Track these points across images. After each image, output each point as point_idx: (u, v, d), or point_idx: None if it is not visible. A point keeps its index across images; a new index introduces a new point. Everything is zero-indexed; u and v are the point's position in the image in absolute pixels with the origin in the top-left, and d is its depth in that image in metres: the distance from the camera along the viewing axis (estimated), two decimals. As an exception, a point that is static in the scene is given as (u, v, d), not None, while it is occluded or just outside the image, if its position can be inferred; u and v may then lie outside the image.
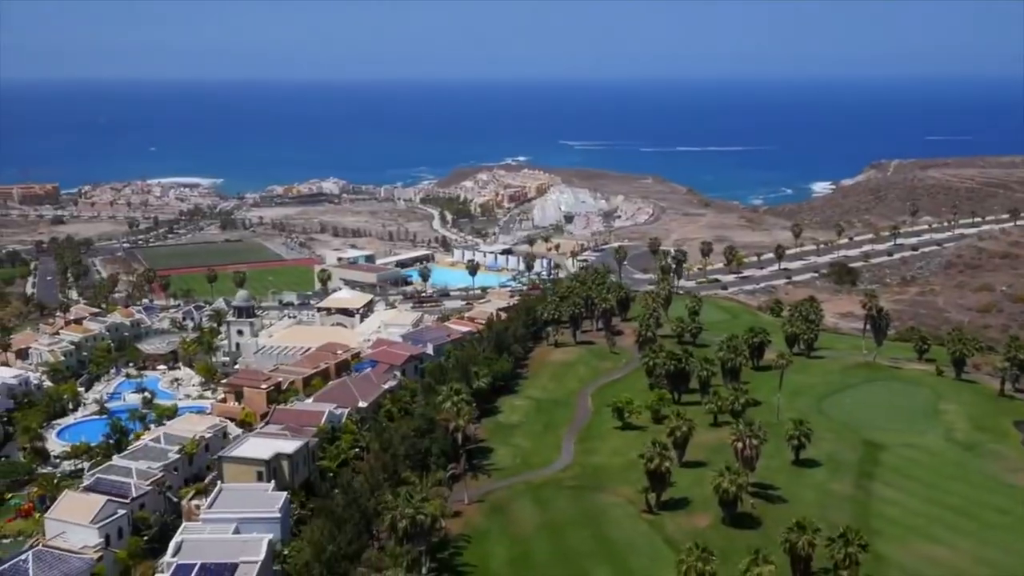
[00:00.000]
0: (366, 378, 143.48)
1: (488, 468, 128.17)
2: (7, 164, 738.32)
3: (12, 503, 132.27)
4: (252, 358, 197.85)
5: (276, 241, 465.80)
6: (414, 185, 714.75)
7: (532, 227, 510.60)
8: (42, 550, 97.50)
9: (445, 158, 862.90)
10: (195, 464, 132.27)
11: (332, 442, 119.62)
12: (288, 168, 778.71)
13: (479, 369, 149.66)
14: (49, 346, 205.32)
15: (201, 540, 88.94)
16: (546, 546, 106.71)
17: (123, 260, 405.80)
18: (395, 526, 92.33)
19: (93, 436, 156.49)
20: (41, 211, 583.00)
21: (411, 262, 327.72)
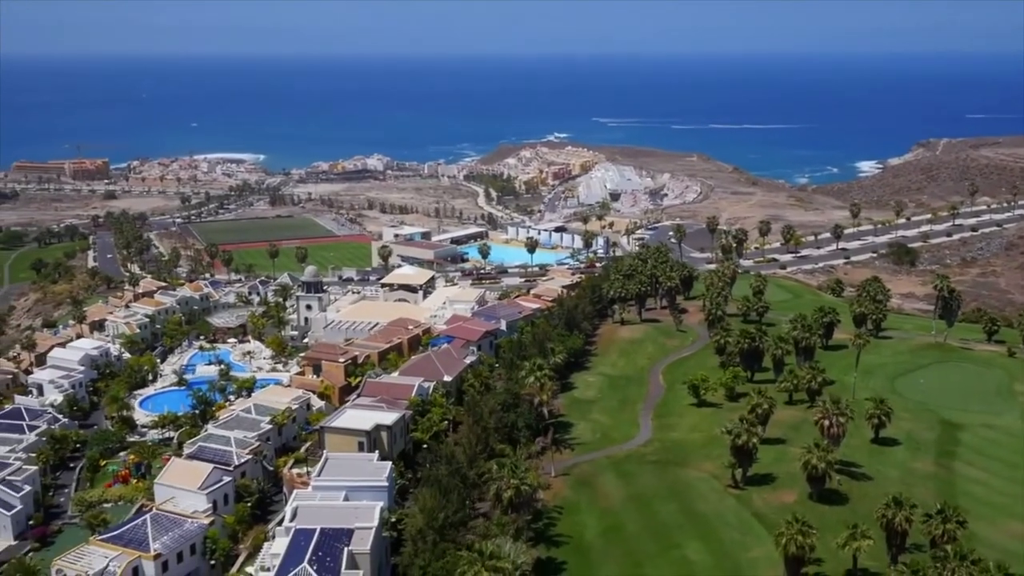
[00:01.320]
0: (447, 353, 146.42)
1: (570, 442, 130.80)
2: (58, 139, 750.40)
3: (110, 469, 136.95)
4: (321, 332, 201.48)
5: (326, 217, 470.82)
6: (457, 162, 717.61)
7: (577, 205, 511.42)
8: (158, 514, 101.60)
9: (487, 135, 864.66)
10: (283, 434, 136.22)
11: (423, 415, 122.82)
12: (331, 145, 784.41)
13: (555, 345, 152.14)
14: (125, 319, 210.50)
15: (316, 506, 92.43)
16: (636, 518, 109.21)
17: (178, 235, 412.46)
18: (500, 496, 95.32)
19: (174, 406, 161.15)
20: (93, 186, 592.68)
21: (465, 239, 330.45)
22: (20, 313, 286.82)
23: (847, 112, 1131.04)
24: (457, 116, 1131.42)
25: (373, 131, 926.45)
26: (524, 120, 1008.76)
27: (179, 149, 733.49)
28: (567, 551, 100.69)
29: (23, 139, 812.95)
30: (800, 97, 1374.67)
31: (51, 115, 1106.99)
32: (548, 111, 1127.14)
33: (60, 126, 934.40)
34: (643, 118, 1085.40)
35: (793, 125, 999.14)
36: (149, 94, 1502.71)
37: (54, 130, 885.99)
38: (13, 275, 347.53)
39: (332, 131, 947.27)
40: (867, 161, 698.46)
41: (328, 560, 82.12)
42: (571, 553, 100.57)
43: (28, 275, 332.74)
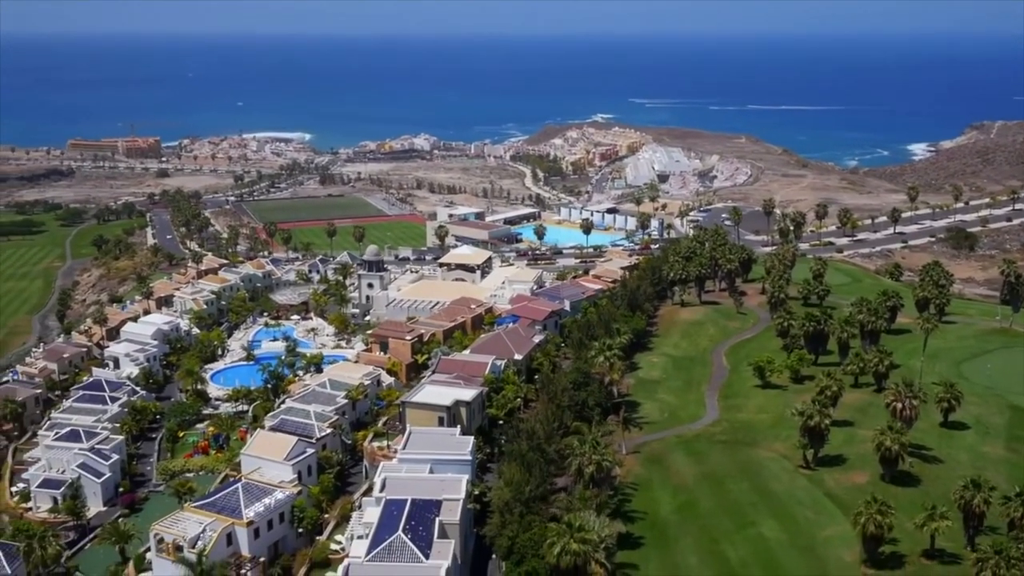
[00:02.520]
0: (515, 332, 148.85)
1: (638, 421, 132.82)
2: (110, 117, 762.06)
3: (190, 440, 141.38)
4: (383, 310, 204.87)
5: (376, 197, 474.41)
6: (503, 142, 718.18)
7: (625, 186, 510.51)
8: (248, 483, 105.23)
9: (531, 115, 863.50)
10: (357, 409, 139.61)
11: (498, 392, 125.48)
12: (377, 124, 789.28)
13: (620, 326, 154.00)
14: (192, 295, 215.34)
15: (404, 478, 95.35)
16: (709, 496, 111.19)
17: (232, 213, 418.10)
18: (582, 471, 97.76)
19: (244, 380, 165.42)
20: (146, 164, 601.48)
21: (518, 220, 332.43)
22: (85, 288, 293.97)
23: (894, 93, 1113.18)
24: (501, 96, 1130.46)
25: (418, 110, 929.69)
26: (565, 100, 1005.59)
27: (227, 128, 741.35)
28: (643, 526, 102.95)
29: (76, 117, 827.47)
30: (845, 78, 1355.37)
31: (102, 93, 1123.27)
32: (585, 92, 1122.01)
33: (111, 104, 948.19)
34: (680, 99, 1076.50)
35: (839, 107, 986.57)
36: (195, 73, 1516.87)
37: (106, 108, 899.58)
38: (75, 251, 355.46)
39: (378, 110, 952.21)
40: (918, 144, 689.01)
41: (420, 529, 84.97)
42: (647, 528, 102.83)
43: (89, 251, 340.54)
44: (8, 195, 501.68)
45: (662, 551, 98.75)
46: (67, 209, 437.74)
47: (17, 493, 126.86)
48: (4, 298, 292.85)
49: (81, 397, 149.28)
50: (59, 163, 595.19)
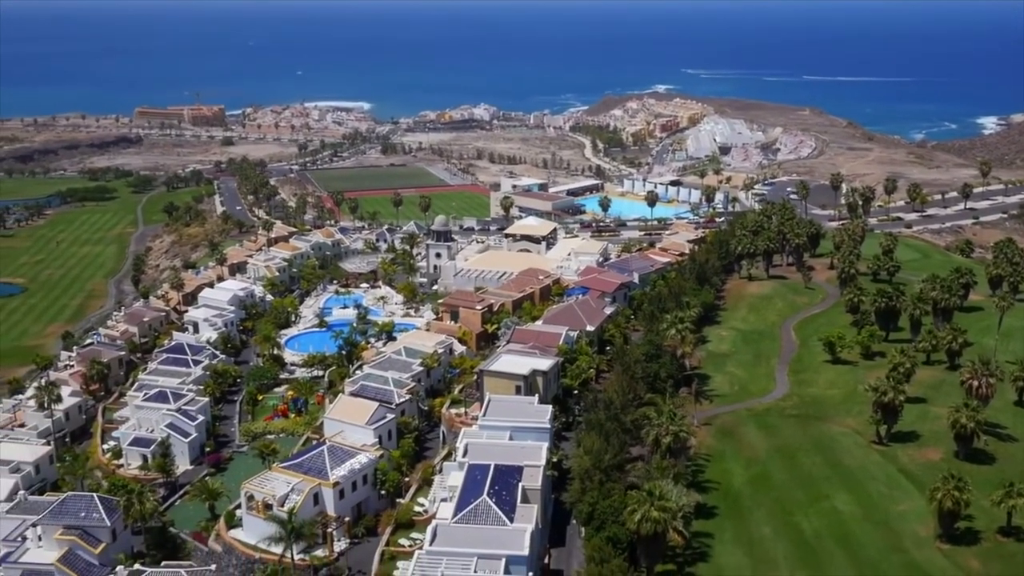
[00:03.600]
0: (586, 303, 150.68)
1: (709, 393, 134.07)
2: (175, 86, 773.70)
3: (270, 404, 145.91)
4: (451, 280, 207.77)
5: (438, 166, 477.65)
6: (562, 112, 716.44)
7: (686, 158, 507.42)
8: (333, 445, 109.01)
9: (590, 85, 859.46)
10: (431, 376, 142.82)
11: (571, 362, 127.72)
12: (436, 93, 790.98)
13: (690, 299, 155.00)
14: (264, 262, 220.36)
15: (485, 444, 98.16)
16: (781, 469, 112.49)
17: (297, 182, 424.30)
18: (659, 441, 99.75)
19: (317, 346, 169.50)
20: (211, 132, 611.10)
21: (581, 191, 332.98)
22: (157, 254, 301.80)
23: (962, 64, 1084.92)
24: (559, 66, 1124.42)
25: (477, 80, 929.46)
26: (621, 70, 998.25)
27: (288, 96, 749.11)
28: (717, 497, 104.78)
29: (142, 85, 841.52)
30: (910, 48, 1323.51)
31: (166, 62, 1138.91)
32: (639, 62, 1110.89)
33: (175, 73, 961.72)
34: (734, 69, 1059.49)
35: (904, 78, 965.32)
36: (256, 42, 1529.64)
37: (171, 77, 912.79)
38: (146, 217, 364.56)
39: (436, 79, 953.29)
40: (988, 117, 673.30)
41: (504, 493, 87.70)
42: (720, 499, 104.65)
43: (160, 218, 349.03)
44: (80, 162, 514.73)
45: (736, 521, 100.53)
46: (137, 176, 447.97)
47: (109, 450, 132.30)
48: (81, 263, 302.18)
49: (165, 360, 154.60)
50: (128, 131, 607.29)
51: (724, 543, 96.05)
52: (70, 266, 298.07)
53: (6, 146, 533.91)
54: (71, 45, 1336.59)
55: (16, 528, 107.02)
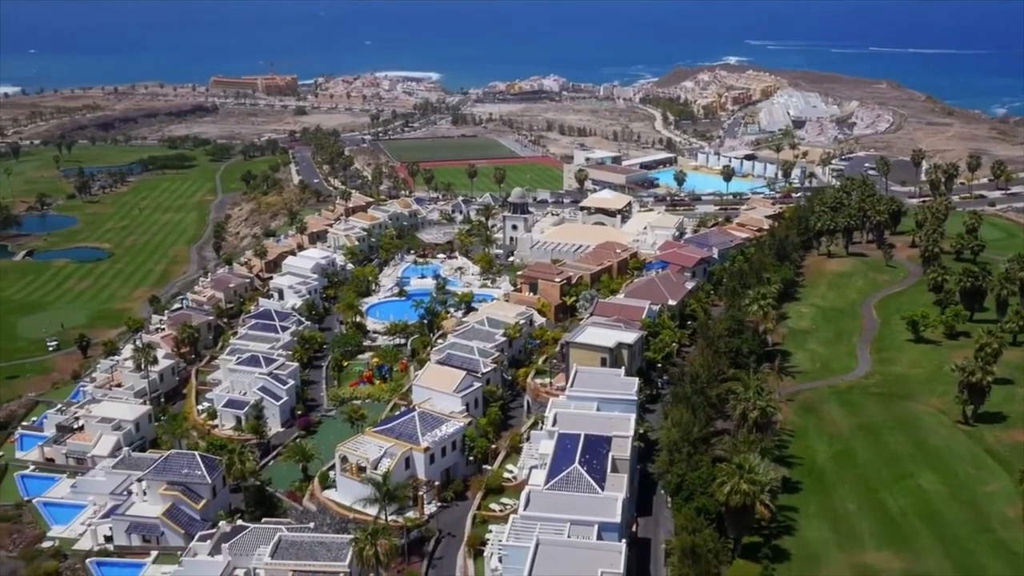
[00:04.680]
0: (667, 278, 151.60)
1: (790, 370, 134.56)
2: (249, 56, 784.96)
3: (356, 370, 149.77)
4: (527, 252, 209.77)
5: (508, 138, 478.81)
6: (632, 84, 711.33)
7: (758, 131, 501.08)
8: (423, 412, 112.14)
9: (660, 56, 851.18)
10: (513, 347, 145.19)
11: (655, 335, 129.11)
12: (505, 64, 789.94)
13: (770, 275, 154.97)
14: (344, 231, 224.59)
15: (573, 414, 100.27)
16: (865, 447, 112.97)
17: (370, 152, 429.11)
18: (745, 416, 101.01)
19: (398, 315, 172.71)
20: (284, 102, 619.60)
21: (654, 164, 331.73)
22: (237, 221, 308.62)
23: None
24: (629, 37, 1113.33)
25: (546, 51, 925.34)
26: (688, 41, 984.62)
27: (357, 67, 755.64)
28: (801, 472, 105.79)
29: (217, 54, 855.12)
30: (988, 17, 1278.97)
31: (239, 31, 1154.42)
32: (704, 34, 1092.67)
33: (248, 42, 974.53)
34: (800, 41, 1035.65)
35: (983, 50, 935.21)
36: (326, 12, 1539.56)
37: (243, 46, 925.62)
38: (225, 185, 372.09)
39: (505, 50, 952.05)
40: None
41: (595, 462, 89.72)
42: (805, 474, 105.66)
43: (238, 186, 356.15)
44: (159, 130, 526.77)
45: (820, 496, 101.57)
46: (215, 145, 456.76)
47: (204, 411, 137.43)
48: (164, 229, 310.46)
49: (254, 325, 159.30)
50: (204, 99, 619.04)
51: (808, 517, 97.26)
52: (153, 232, 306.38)
53: (88, 114, 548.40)
54: (147, 16, 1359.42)
55: (122, 482, 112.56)
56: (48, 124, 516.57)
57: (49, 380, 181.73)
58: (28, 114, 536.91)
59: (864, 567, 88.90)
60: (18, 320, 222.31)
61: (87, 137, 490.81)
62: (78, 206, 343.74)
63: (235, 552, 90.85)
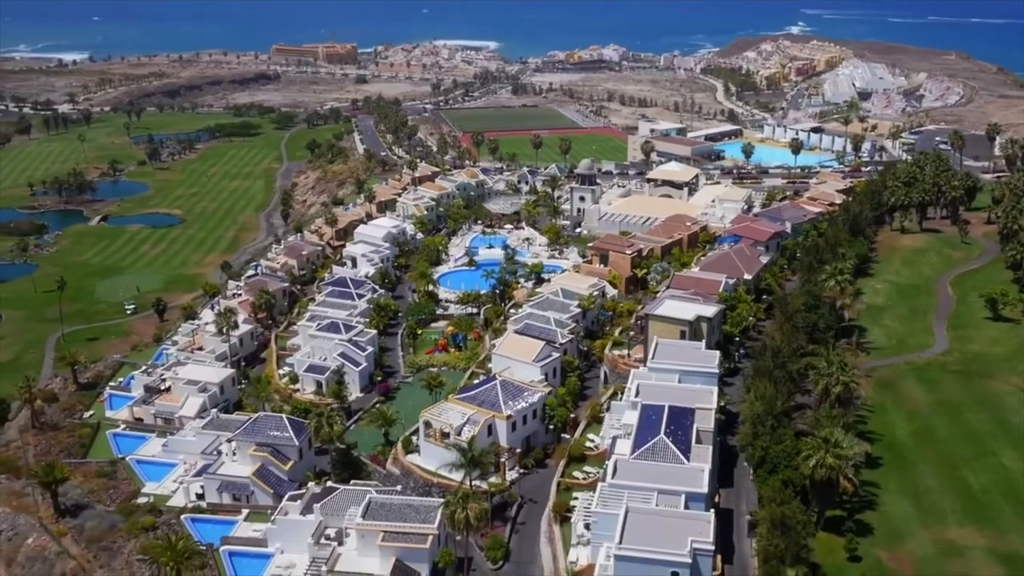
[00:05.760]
0: (741, 251, 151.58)
1: (866, 346, 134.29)
2: (307, 24, 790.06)
3: (431, 338, 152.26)
4: (595, 223, 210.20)
5: (569, 108, 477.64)
6: (693, 54, 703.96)
7: (823, 103, 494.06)
8: (505, 380, 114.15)
9: (722, 26, 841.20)
10: (586, 317, 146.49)
11: (732, 309, 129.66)
12: (564, 33, 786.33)
13: (845, 251, 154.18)
14: (413, 201, 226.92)
15: (655, 386, 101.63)
16: (945, 424, 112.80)
17: (432, 121, 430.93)
18: (828, 391, 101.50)
19: (468, 284, 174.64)
20: (345, 70, 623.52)
21: (719, 136, 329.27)
22: (303, 189, 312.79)
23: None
24: (689, 6, 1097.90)
25: (605, 20, 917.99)
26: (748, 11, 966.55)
27: (416, 35, 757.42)
28: (880, 447, 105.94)
29: (277, 22, 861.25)
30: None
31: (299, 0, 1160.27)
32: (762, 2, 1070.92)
33: (307, 11, 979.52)
34: (857, 10, 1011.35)
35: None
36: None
37: (303, 15, 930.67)
38: (290, 153, 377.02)
39: (564, 18, 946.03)
40: None
41: (679, 433, 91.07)
42: (885, 450, 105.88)
43: (303, 154, 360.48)
44: (223, 97, 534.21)
45: (901, 472, 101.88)
46: (279, 113, 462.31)
47: (285, 375, 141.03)
48: (232, 196, 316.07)
49: (331, 293, 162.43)
50: (266, 67, 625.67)
51: (890, 492, 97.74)
52: (222, 199, 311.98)
53: (155, 81, 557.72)
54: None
55: (211, 443, 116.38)
56: (117, 91, 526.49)
57: (128, 342, 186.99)
58: (97, 81, 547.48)
59: (948, 543, 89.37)
60: (96, 284, 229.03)
61: (154, 104, 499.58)
62: (148, 172, 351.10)
63: (326, 512, 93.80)
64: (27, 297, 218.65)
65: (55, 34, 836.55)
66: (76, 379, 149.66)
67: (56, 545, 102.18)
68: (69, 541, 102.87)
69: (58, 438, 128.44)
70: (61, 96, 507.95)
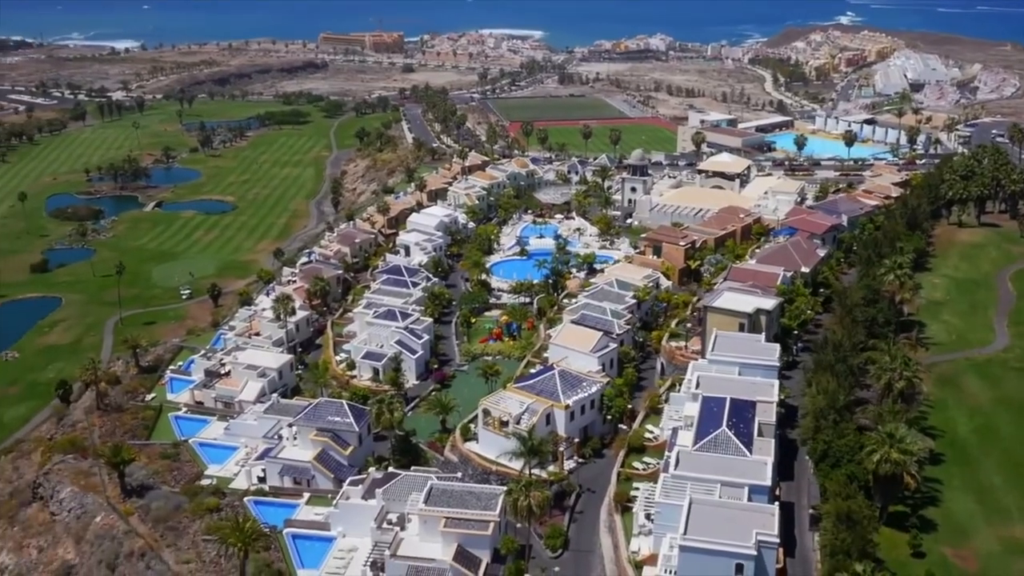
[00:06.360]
0: (798, 244, 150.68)
1: (925, 341, 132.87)
2: (354, 12, 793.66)
3: (486, 327, 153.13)
4: (647, 214, 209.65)
5: (616, 98, 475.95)
6: (740, 44, 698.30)
7: (873, 94, 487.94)
8: (563, 370, 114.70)
9: (770, 15, 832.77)
10: (641, 308, 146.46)
11: (791, 302, 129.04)
12: (609, 22, 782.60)
13: (904, 244, 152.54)
14: (465, 190, 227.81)
15: (716, 378, 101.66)
16: (1009, 421, 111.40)
17: (479, 110, 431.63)
18: (891, 386, 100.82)
19: (520, 274, 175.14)
20: (392, 59, 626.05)
21: (770, 128, 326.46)
22: (353, 178, 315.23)
23: None
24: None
25: (652, 9, 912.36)
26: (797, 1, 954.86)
27: (461, 24, 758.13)
28: (942, 444, 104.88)
29: (324, 11, 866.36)
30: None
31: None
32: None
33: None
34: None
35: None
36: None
37: (349, 3, 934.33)
38: (339, 142, 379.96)
39: (610, 8, 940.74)
40: None
41: (741, 426, 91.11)
42: (946, 446, 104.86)
43: (352, 142, 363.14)
44: (271, 85, 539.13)
45: (963, 469, 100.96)
46: (328, 101, 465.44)
47: (342, 362, 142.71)
48: (283, 183, 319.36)
49: (386, 280, 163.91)
50: (313, 56, 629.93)
51: (953, 489, 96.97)
52: (273, 186, 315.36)
53: (205, 69, 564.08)
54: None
55: (272, 427, 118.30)
56: (168, 79, 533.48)
57: (183, 326, 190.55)
58: (149, 69, 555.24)
59: (1013, 541, 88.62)
60: (152, 268, 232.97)
61: (205, 92, 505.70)
62: (201, 159, 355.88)
63: (388, 497, 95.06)
64: (86, 281, 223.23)
65: (106, 22, 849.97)
66: (138, 362, 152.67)
67: (124, 524, 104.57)
68: (136, 520, 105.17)
69: (122, 420, 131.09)
70: (114, 83, 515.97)
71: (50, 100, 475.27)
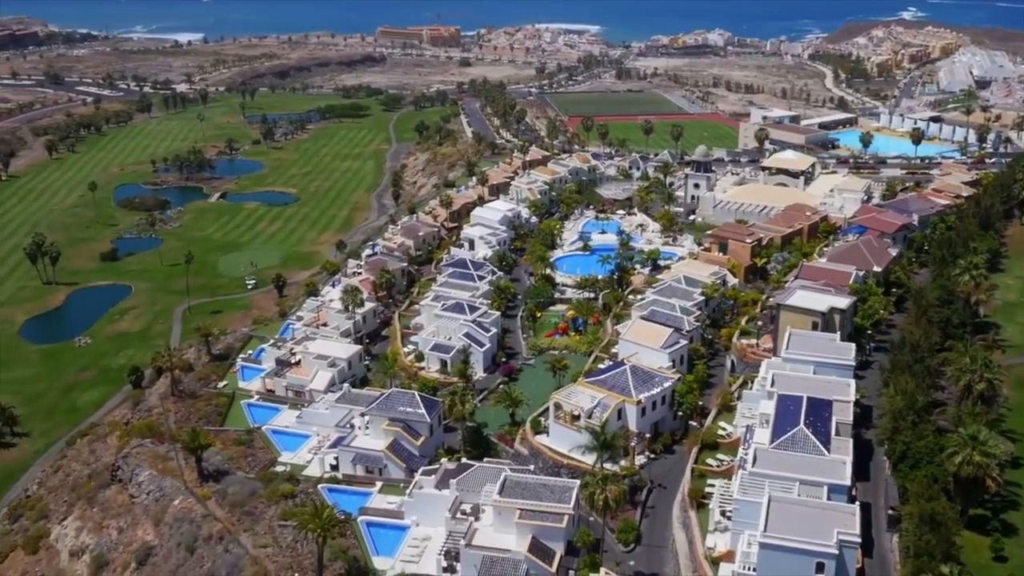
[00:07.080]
0: (870, 243, 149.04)
1: (1001, 343, 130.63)
2: (411, 6, 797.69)
3: (552, 321, 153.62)
4: (710, 211, 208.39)
5: (675, 94, 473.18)
6: (800, 40, 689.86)
7: (937, 91, 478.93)
8: (635, 366, 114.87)
9: (830, 10, 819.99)
10: (708, 306, 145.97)
11: (864, 302, 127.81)
12: (667, 17, 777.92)
13: (977, 245, 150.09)
14: (527, 184, 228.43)
15: (791, 376, 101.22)
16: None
17: (537, 104, 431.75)
18: (971, 387, 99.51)
19: (584, 269, 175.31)
20: (449, 53, 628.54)
21: (834, 125, 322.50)
22: (413, 171, 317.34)
23: None
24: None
25: (709, 4, 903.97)
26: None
27: (517, 18, 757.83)
28: (1022, 448, 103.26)
29: (381, 5, 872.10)
30: None
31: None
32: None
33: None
34: None
35: None
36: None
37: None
38: (398, 135, 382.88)
39: (667, 3, 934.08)
40: None
41: (819, 424, 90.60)
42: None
43: (411, 136, 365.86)
44: (331, 79, 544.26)
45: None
46: (387, 95, 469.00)
47: (410, 353, 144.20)
48: (344, 176, 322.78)
49: (452, 274, 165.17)
50: (372, 50, 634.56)
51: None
52: (335, 179, 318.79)
53: (266, 62, 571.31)
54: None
55: (344, 416, 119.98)
56: (230, 72, 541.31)
57: (249, 316, 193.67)
58: (212, 61, 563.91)
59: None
60: (218, 258, 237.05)
61: (266, 85, 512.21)
62: (263, 151, 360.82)
63: (462, 488, 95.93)
64: (154, 270, 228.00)
65: (168, 15, 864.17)
66: (209, 350, 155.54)
67: (202, 508, 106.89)
68: (213, 504, 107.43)
69: (196, 406, 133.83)
70: (178, 76, 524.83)
71: (116, 92, 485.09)
